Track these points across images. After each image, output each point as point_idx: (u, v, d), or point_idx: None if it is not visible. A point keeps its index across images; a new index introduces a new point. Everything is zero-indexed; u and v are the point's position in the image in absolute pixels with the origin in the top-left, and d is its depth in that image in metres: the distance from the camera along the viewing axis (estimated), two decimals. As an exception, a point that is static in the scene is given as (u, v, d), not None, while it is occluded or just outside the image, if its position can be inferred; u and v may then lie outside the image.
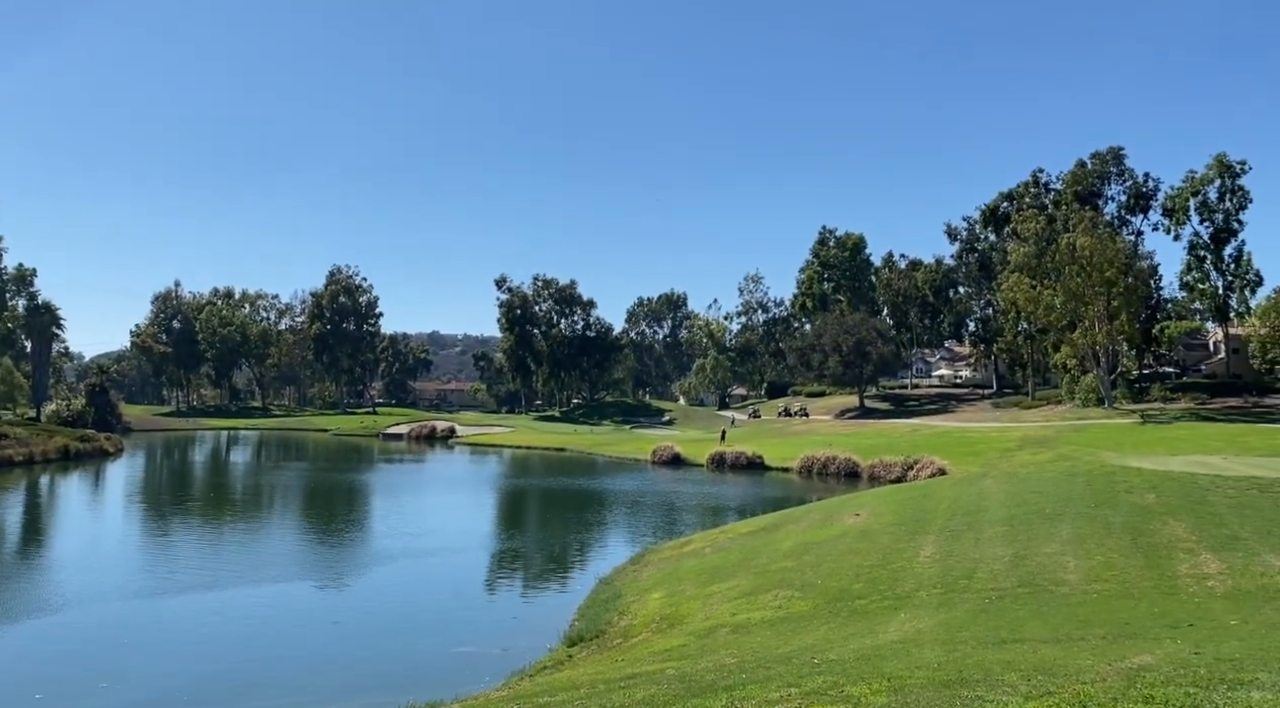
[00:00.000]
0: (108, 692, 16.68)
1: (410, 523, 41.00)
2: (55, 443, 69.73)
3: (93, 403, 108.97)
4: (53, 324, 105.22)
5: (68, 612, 22.94)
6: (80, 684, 17.20)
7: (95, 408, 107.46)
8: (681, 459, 68.00)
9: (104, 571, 28.73)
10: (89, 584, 26.26)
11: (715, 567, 23.05)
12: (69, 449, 70.11)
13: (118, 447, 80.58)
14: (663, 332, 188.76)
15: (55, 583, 26.70)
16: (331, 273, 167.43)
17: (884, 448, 59.82)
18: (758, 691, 7.90)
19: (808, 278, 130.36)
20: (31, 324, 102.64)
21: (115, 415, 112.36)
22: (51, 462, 66.39)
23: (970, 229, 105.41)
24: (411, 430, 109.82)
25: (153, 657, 19.40)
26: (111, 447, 78.29)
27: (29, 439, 68.21)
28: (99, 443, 76.34)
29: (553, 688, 11.00)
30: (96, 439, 77.31)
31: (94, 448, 74.35)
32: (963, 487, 28.86)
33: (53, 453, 67.72)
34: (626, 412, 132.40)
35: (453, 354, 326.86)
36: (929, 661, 9.36)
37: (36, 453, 65.82)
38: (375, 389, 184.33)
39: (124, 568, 29.46)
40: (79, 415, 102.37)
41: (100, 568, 29.30)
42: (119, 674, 17.82)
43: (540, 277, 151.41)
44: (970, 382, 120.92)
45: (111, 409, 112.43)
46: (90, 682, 17.27)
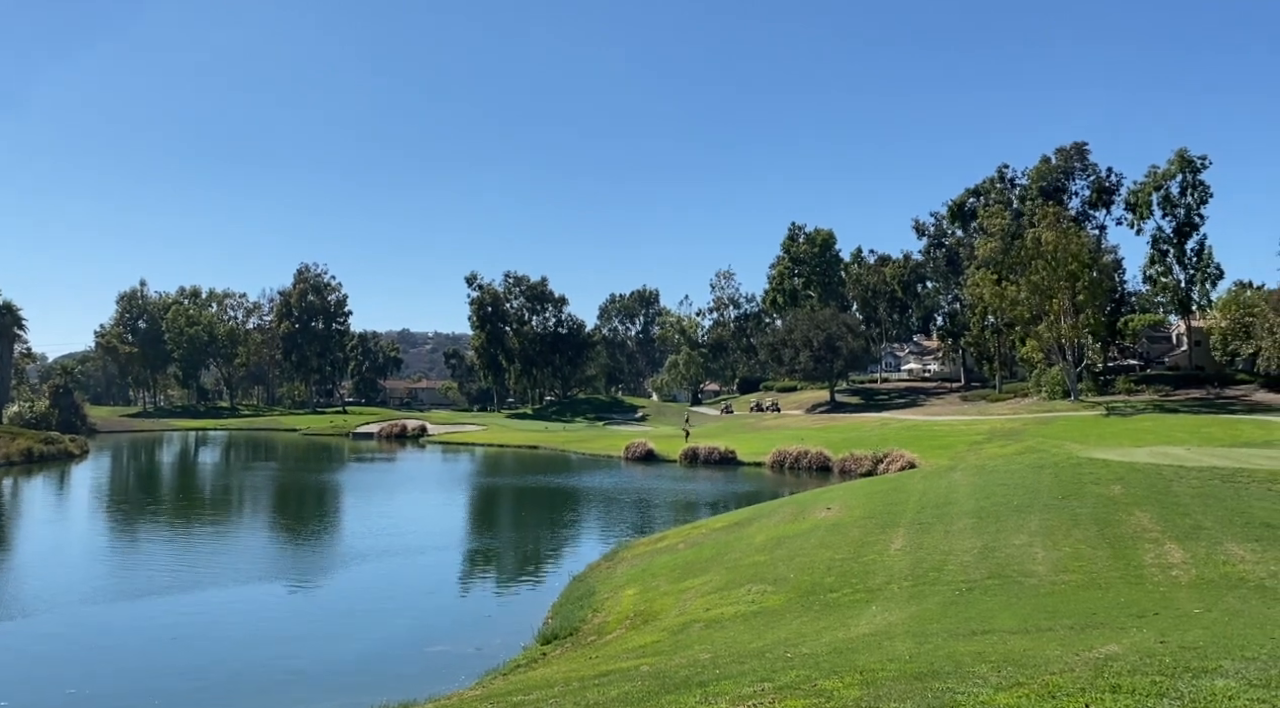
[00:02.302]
0: (75, 697, 16.46)
1: (382, 523, 40.72)
2: (18, 446, 68.56)
3: (57, 404, 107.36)
4: (14, 324, 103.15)
5: (33, 616, 22.58)
6: (46, 691, 16.95)
7: (59, 410, 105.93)
8: (654, 455, 68.09)
9: (70, 574, 28.31)
10: (55, 588, 25.86)
11: (688, 562, 23.12)
12: (32, 452, 68.95)
13: (83, 449, 79.37)
14: (635, 328, 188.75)
15: (20, 587, 26.27)
16: (299, 271, 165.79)
17: (854, 442, 60.24)
18: (731, 686, 7.93)
19: (778, 274, 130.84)
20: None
21: (80, 417, 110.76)
22: (15, 465, 65.26)
23: (938, 225, 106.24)
24: (382, 429, 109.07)
25: (121, 661, 19.16)
26: (76, 449, 77.12)
27: (-9, 442, 67.04)
28: (63, 445, 75.19)
29: (527, 687, 10.99)
30: (61, 441, 76.13)
31: (58, 450, 73.20)
32: (932, 480, 29.13)
33: (16, 456, 66.58)
34: (599, 409, 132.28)
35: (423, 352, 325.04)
36: (900, 653, 9.45)
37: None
38: (345, 388, 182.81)
39: (91, 572, 29.04)
40: (43, 417, 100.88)
41: (66, 572, 28.86)
42: (87, 679, 17.58)
43: (511, 274, 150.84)
44: (939, 376, 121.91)
45: (76, 411, 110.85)
46: (57, 687, 17.02)
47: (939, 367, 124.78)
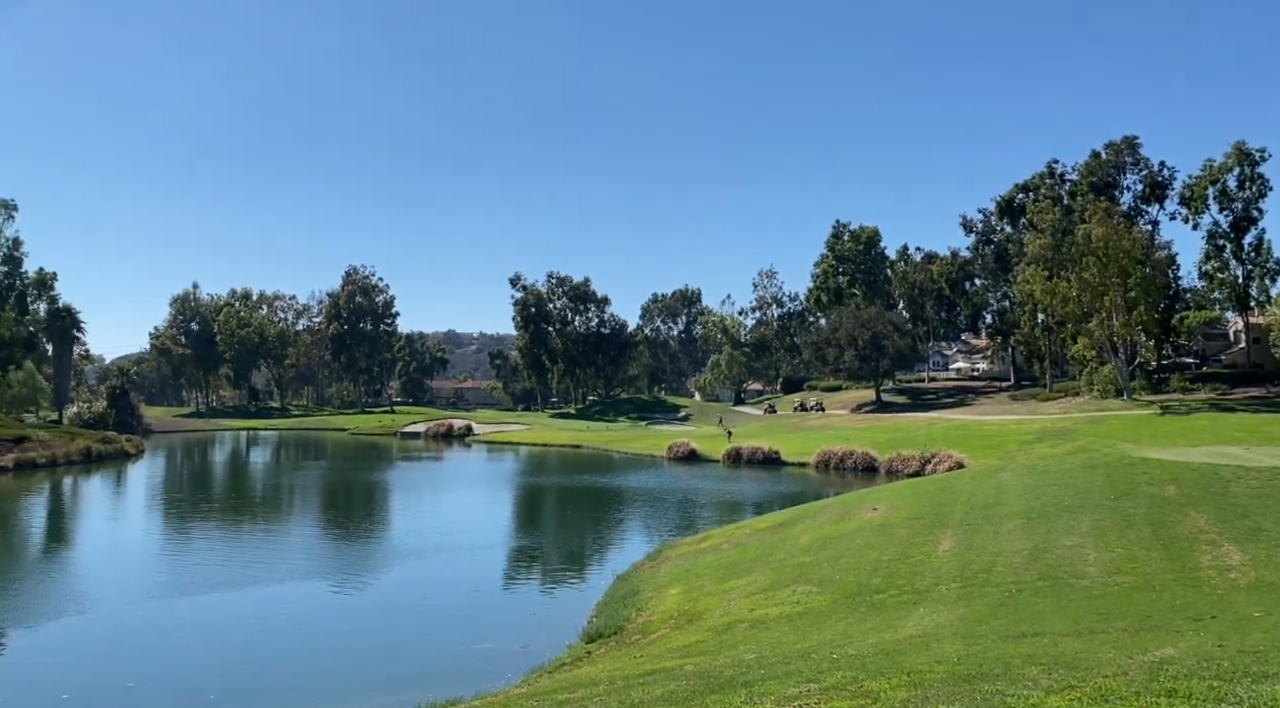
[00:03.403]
0: (134, 692, 16.85)
1: (429, 521, 41.17)
2: (77, 445, 70.34)
3: (113, 405, 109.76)
4: (73, 327, 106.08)
5: (93, 612, 23.18)
6: (106, 684, 17.38)
7: (116, 410, 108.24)
8: (697, 455, 67.99)
9: (127, 571, 29.02)
10: (113, 585, 26.53)
11: (733, 563, 23.05)
12: (91, 451, 70.70)
13: (139, 448, 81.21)
14: (677, 328, 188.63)
15: (80, 584, 26.97)
16: (348, 273, 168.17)
17: (901, 442, 59.63)
18: (776, 686, 7.90)
19: (822, 272, 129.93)
20: (52, 328, 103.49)
21: (136, 417, 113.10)
22: (74, 464, 66.98)
23: (986, 221, 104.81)
24: (429, 429, 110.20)
25: (176, 656, 19.58)
26: (132, 448, 78.91)
27: (52, 442, 68.85)
28: (120, 445, 76.95)
29: (572, 685, 11.04)
30: (118, 441, 77.91)
31: (115, 450, 74.96)
32: (981, 480, 28.74)
33: (75, 455, 68.32)
34: (642, 408, 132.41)
35: (469, 353, 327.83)
36: (948, 655, 9.34)
37: (59, 455, 66.43)
38: (393, 388, 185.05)
39: (147, 569, 29.72)
40: (100, 418, 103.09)
41: (123, 569, 29.59)
42: (144, 674, 18.00)
43: (554, 274, 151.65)
44: (987, 374, 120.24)
45: (132, 411, 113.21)
46: (116, 681, 17.45)
47: (988, 365, 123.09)
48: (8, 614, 23.10)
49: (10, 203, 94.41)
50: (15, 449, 63.49)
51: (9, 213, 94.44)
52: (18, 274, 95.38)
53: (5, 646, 20.53)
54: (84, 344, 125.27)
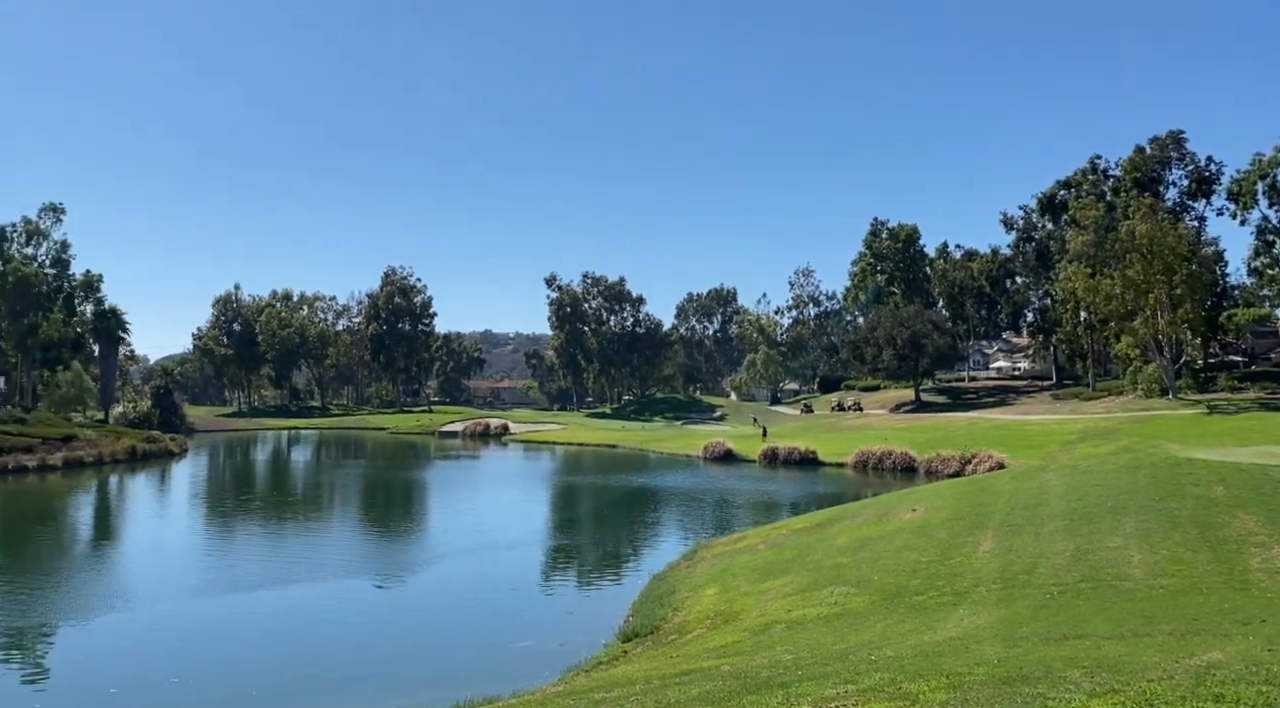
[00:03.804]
0: (178, 687, 17.15)
1: (467, 520, 41.46)
2: (123, 444, 71.73)
3: (158, 405, 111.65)
4: (119, 328, 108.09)
5: (139, 608, 23.62)
6: (152, 680, 17.69)
7: (160, 410, 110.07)
8: (733, 455, 67.80)
9: (171, 568, 29.53)
10: (158, 581, 27.02)
11: (769, 563, 22.96)
12: (136, 450, 72.07)
13: (182, 447, 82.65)
14: (713, 327, 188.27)
15: (126, 580, 27.50)
16: (387, 274, 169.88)
17: (941, 442, 59.07)
18: (814, 687, 7.85)
19: (860, 270, 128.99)
20: (99, 329, 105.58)
21: (179, 417, 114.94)
22: (120, 462, 68.31)
23: (1027, 218, 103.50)
24: (466, 428, 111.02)
25: (219, 652, 19.88)
26: (176, 447, 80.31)
27: (98, 441, 70.28)
28: (164, 444, 78.34)
29: (609, 684, 11.06)
30: (162, 440, 79.33)
31: (160, 449, 76.34)
32: (1022, 480, 28.37)
33: (121, 454, 69.68)
34: (677, 408, 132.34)
35: (505, 352, 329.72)
36: (988, 657, 9.22)
37: (105, 454, 67.79)
38: (430, 388, 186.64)
39: (190, 565, 30.24)
40: (145, 417, 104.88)
41: (168, 565, 30.12)
42: (188, 670, 18.30)
43: (590, 274, 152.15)
44: (1029, 373, 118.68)
45: (176, 411, 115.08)
46: (161, 676, 17.76)
47: (1029, 364, 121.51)
48: (58, 609, 23.62)
49: (58, 206, 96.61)
50: (64, 448, 64.88)
51: (57, 216, 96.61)
52: (65, 276, 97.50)
53: (56, 640, 20.99)
54: (129, 345, 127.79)
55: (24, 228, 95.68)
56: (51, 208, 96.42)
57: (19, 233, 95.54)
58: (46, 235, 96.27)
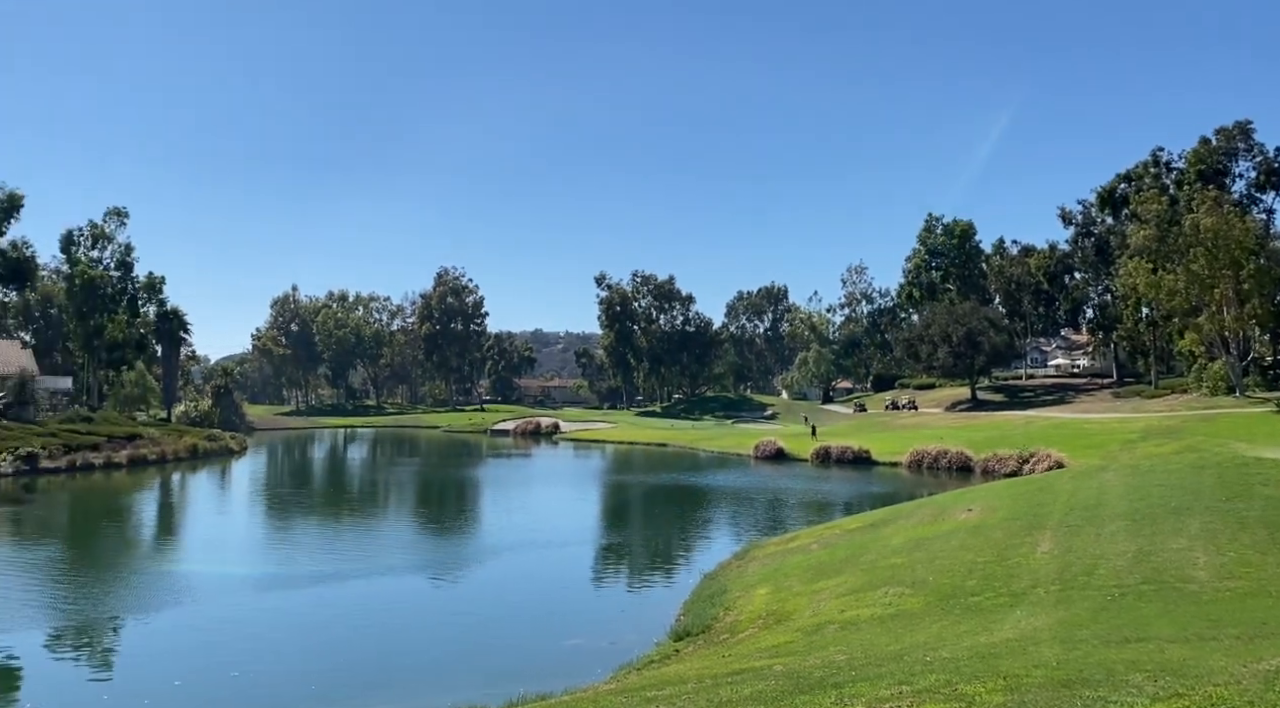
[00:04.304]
0: (239, 681, 17.52)
1: (518, 517, 41.77)
2: (185, 442, 73.48)
3: (218, 404, 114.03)
4: (180, 329, 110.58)
5: (200, 603, 24.17)
6: (214, 673, 18.10)
7: (221, 408, 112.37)
8: (785, 454, 67.41)
9: (232, 563, 30.18)
10: (218, 577, 27.62)
11: (822, 563, 22.77)
12: (197, 448, 73.80)
13: (242, 445, 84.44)
14: (763, 325, 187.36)
15: (188, 575, 28.14)
16: (439, 274, 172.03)
17: (997, 441, 58.14)
18: (868, 688, 7.77)
19: (914, 267, 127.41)
20: (161, 330, 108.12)
21: (239, 415, 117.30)
22: (182, 460, 70.00)
23: (1085, 213, 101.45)
24: (517, 427, 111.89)
25: (277, 647, 20.28)
26: (236, 445, 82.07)
27: (161, 439, 72.08)
28: (225, 442, 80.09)
29: (660, 682, 11.06)
30: (222, 438, 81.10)
31: (220, 447, 78.07)
32: (1082, 480, 27.78)
33: (183, 452, 71.40)
34: (728, 407, 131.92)
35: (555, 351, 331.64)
36: (1047, 659, 9.04)
37: (168, 452, 69.51)
38: (482, 387, 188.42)
39: (250, 560, 30.87)
40: (206, 416, 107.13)
41: (229, 561, 30.78)
42: (248, 664, 18.68)
43: (639, 273, 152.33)
44: (1089, 371, 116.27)
45: (236, 409, 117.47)
46: (222, 670, 18.16)
47: (1089, 362, 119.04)
48: (124, 604, 24.27)
49: (122, 210, 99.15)
50: (128, 446, 66.64)
51: (120, 220, 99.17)
52: (129, 278, 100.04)
53: (122, 634, 21.56)
54: (190, 345, 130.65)
55: (90, 232, 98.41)
56: (116, 212, 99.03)
57: (85, 237, 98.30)
58: (111, 239, 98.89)
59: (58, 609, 23.45)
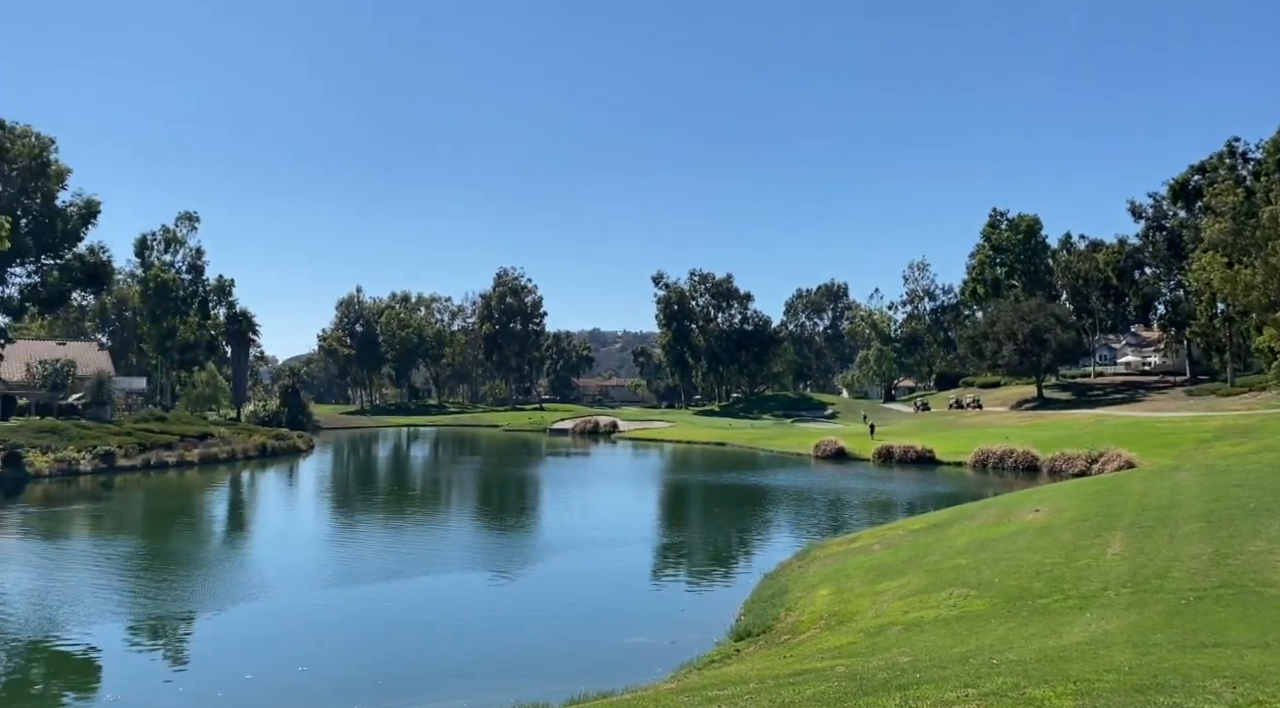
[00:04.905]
0: (308, 674, 17.90)
1: (578, 515, 42.01)
2: (254, 441, 75.32)
3: (286, 403, 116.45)
4: (249, 330, 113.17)
5: (270, 598, 24.75)
6: (283, 666, 18.53)
7: (288, 408, 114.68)
8: (846, 454, 66.74)
9: (300, 559, 30.86)
10: (287, 572, 28.26)
11: (884, 564, 22.50)
12: (266, 447, 75.58)
13: (309, 444, 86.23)
14: (823, 323, 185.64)
15: (258, 571, 28.83)
16: (499, 275, 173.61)
17: (1065, 440, 56.86)
18: (933, 690, 7.67)
19: (978, 263, 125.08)
20: (231, 331, 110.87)
21: (306, 414, 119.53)
22: (251, 458, 71.77)
23: (1157, 206, 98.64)
24: (576, 426, 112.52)
25: (342, 641, 20.66)
26: (304, 444, 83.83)
27: (231, 438, 73.99)
28: (292, 441, 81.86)
29: (722, 682, 11.04)
30: (290, 437, 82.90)
31: (288, 445, 79.84)
32: (1154, 480, 27.04)
33: (252, 450, 73.19)
34: (787, 406, 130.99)
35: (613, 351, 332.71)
36: (1119, 663, 8.83)
37: (238, 450, 71.32)
38: (541, 386, 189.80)
39: (317, 557, 31.53)
40: (274, 415, 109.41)
41: (297, 557, 31.48)
42: (316, 658, 19.09)
43: (697, 272, 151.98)
44: (1160, 369, 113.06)
45: (303, 409, 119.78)
46: (291, 664, 18.58)
47: (1160, 359, 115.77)
48: (197, 599, 24.98)
49: (193, 215, 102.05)
50: (200, 445, 68.51)
51: (192, 224, 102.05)
52: (200, 281, 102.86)
53: (195, 628, 22.18)
54: (259, 346, 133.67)
55: (163, 236, 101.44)
56: (187, 216, 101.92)
57: (158, 241, 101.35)
58: (183, 242, 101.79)
59: (135, 604, 24.21)
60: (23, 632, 21.05)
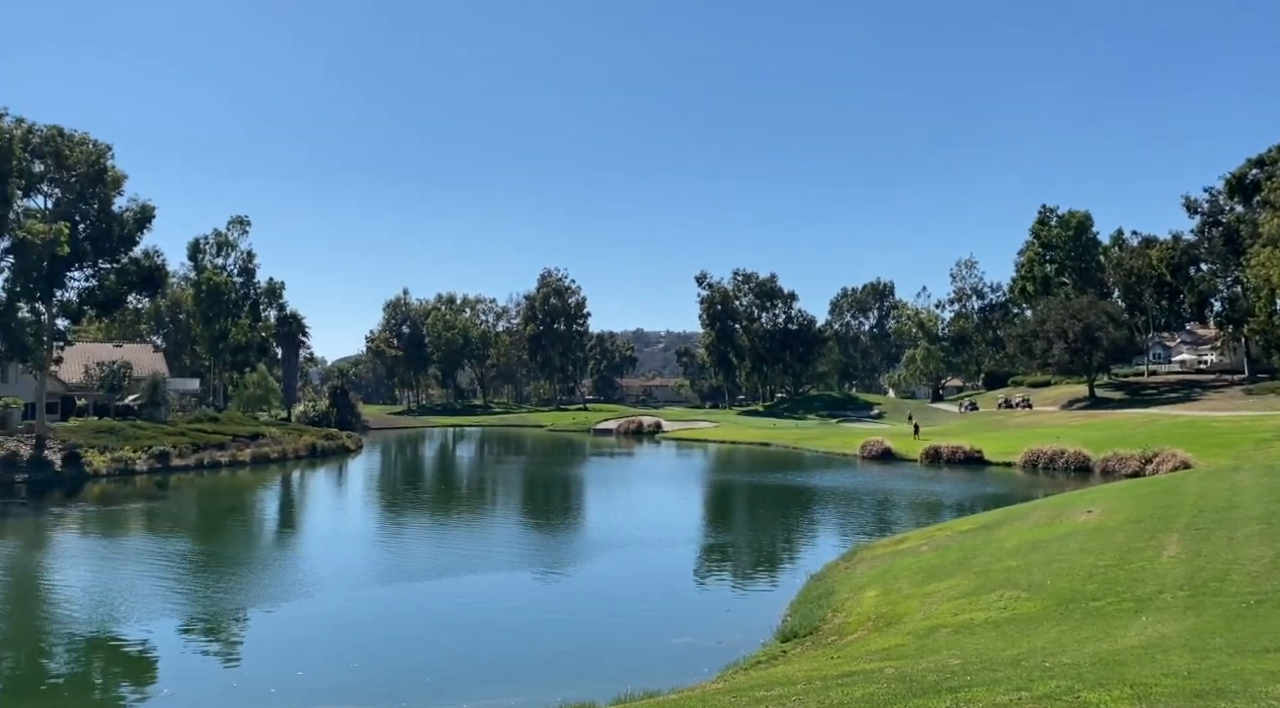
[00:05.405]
0: (358, 671, 18.15)
1: (623, 515, 42.07)
2: (304, 441, 76.53)
3: (335, 404, 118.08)
4: (299, 332, 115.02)
5: (319, 595, 25.13)
6: (334, 663, 18.79)
7: (337, 408, 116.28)
8: (893, 454, 66.07)
9: (350, 557, 31.27)
10: (336, 570, 28.65)
11: (933, 565, 22.24)
12: (316, 447, 76.75)
13: (358, 444, 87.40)
14: (869, 323, 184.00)
15: (308, 569, 29.27)
16: (543, 276, 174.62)
17: (1118, 440, 55.75)
18: (984, 693, 7.57)
19: (1027, 260, 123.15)
20: (281, 333, 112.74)
21: (355, 415, 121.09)
22: (301, 458, 72.93)
23: (1213, 201, 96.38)
24: (620, 426, 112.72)
25: (392, 639, 20.90)
26: (352, 444, 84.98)
27: (282, 438, 75.25)
28: (341, 441, 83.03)
29: (769, 683, 10.99)
30: (339, 437, 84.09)
31: (337, 445, 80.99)
32: (1211, 481, 26.42)
33: (302, 450, 74.38)
34: (832, 405, 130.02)
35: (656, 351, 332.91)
36: (1177, 668, 8.63)
37: (289, 450, 72.52)
38: (585, 386, 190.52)
39: (366, 555, 31.92)
40: (323, 415, 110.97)
41: (346, 555, 31.90)
42: (366, 655, 19.34)
43: (740, 271, 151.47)
44: (1217, 367, 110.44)
45: (351, 409, 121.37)
46: (342, 661, 18.84)
47: (1217, 357, 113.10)
48: (249, 596, 25.43)
49: (244, 219, 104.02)
50: (251, 445, 69.77)
51: (243, 228, 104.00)
52: (251, 284, 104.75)
53: (247, 624, 22.58)
54: (309, 348, 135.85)
55: (215, 240, 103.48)
56: (238, 220, 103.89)
57: (211, 245, 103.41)
58: (234, 246, 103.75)
59: (190, 600, 24.72)
60: (84, 627, 21.60)
